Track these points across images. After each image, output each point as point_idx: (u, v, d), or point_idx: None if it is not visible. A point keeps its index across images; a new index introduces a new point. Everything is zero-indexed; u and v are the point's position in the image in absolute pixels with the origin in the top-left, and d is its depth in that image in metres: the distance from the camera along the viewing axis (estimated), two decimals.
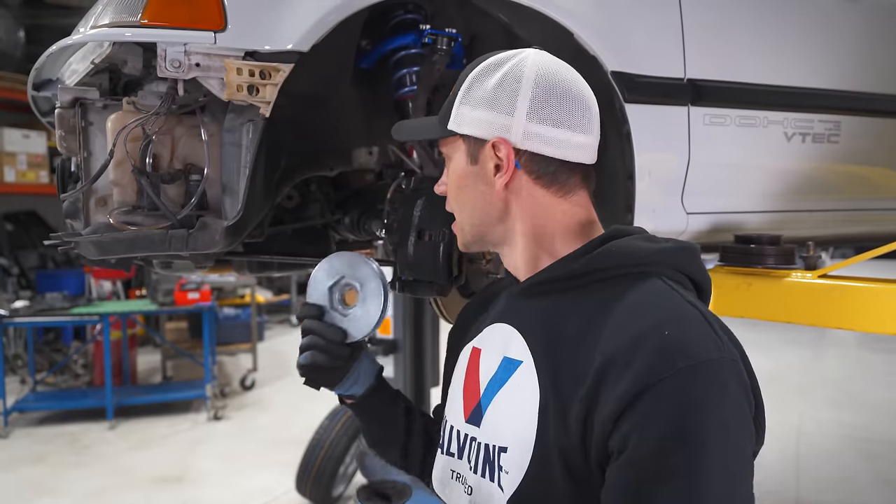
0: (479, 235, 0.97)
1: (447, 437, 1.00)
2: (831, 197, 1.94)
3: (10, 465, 4.26)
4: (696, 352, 0.75)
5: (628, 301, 0.82)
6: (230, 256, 1.65)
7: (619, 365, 0.76)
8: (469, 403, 0.96)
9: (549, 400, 0.83)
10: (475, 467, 0.92)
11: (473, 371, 0.98)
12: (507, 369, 0.91)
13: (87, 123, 1.33)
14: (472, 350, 1.00)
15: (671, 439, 0.72)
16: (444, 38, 1.51)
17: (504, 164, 0.90)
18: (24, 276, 7.10)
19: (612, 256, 0.86)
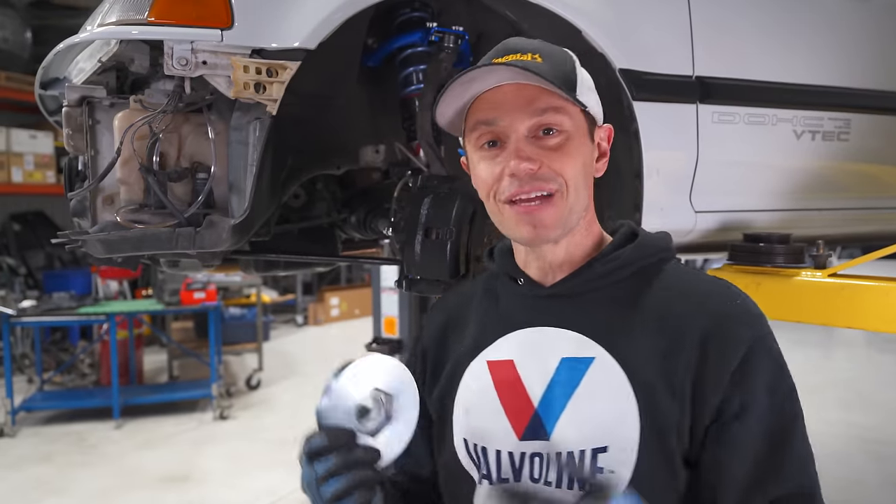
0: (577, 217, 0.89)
1: (492, 464, 0.89)
2: (841, 195, 1.92)
3: (17, 463, 4.27)
4: (763, 316, 0.88)
5: (683, 282, 0.90)
6: (237, 255, 1.65)
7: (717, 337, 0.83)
8: (519, 420, 0.88)
9: (647, 384, 0.83)
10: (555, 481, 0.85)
11: (509, 384, 0.89)
12: (574, 370, 0.86)
13: (95, 122, 1.33)
14: (494, 363, 0.91)
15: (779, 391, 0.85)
16: (450, 36, 1.50)
17: (605, 152, 0.93)
18: (32, 275, 7.13)
19: (648, 248, 0.92)
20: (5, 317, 4.90)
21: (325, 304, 9.50)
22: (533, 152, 0.84)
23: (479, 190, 0.91)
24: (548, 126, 0.85)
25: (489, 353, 0.93)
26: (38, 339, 5.72)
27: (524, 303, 0.93)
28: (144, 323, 6.04)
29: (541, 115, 0.84)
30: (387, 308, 3.52)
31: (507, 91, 0.85)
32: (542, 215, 0.85)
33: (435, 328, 1.03)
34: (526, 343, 0.91)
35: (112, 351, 5.03)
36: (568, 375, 0.86)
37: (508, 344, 0.92)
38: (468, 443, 0.91)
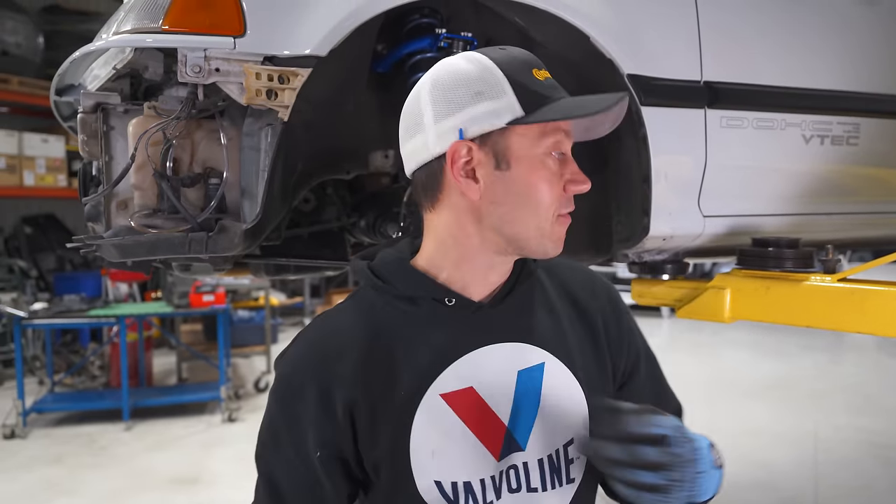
0: None
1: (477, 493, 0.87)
2: (850, 199, 1.92)
3: (28, 464, 4.30)
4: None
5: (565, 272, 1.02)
6: (248, 259, 1.67)
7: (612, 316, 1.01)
8: (493, 443, 0.88)
9: (588, 374, 0.95)
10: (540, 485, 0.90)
11: (475, 410, 0.87)
12: (532, 378, 0.90)
13: (109, 128, 1.35)
14: (451, 395, 0.87)
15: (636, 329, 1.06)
16: (459, 42, 1.51)
17: None
18: (43, 278, 7.18)
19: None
20: (17, 319, 4.94)
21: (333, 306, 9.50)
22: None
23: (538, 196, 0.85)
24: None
25: (439, 387, 0.87)
26: (49, 341, 5.76)
27: (460, 325, 0.89)
28: (154, 325, 6.08)
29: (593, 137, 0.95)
30: None
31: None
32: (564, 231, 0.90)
33: (350, 374, 0.87)
34: (477, 366, 0.88)
35: (122, 353, 5.06)
36: (528, 385, 0.90)
37: (459, 371, 0.87)
38: (442, 485, 0.86)
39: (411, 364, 0.87)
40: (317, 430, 0.86)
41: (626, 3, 1.57)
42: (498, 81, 0.84)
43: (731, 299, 1.70)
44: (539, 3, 1.43)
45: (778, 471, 4.08)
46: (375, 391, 0.86)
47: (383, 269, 0.92)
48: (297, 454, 0.88)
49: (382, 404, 0.86)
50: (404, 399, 0.86)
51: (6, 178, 6.54)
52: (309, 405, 0.86)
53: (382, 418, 0.86)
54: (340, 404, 0.86)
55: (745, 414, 5.16)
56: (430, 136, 0.86)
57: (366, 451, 0.87)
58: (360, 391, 0.86)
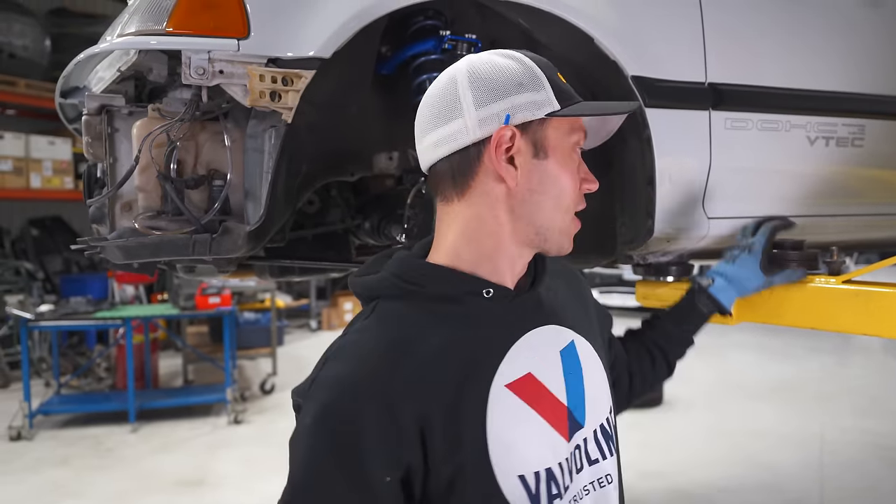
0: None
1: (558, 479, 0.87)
2: (855, 201, 1.91)
3: (35, 466, 4.32)
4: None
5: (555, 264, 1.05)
6: (252, 261, 1.67)
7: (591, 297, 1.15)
8: (561, 425, 0.89)
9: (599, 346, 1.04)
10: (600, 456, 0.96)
11: (540, 396, 0.89)
12: (570, 356, 0.96)
13: (113, 130, 1.36)
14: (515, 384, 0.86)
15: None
16: (463, 44, 1.52)
17: None
18: (49, 280, 7.22)
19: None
20: (23, 321, 4.97)
21: (339, 308, 9.54)
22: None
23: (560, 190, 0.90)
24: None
25: (502, 378, 0.85)
26: (56, 343, 5.79)
27: (501, 314, 0.89)
28: (160, 327, 6.10)
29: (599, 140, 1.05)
30: None
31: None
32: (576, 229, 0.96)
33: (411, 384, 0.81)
34: (526, 351, 0.89)
35: (128, 355, 5.08)
36: (570, 363, 0.94)
37: (514, 360, 0.87)
38: (525, 479, 0.83)
39: (465, 362, 0.84)
40: (384, 453, 0.78)
41: (631, 5, 1.56)
42: (536, 76, 0.89)
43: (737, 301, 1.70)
44: (543, 4, 1.43)
45: (784, 472, 4.06)
46: (441, 399, 0.81)
47: (406, 273, 0.89)
48: (355, 488, 0.78)
49: (452, 411, 0.81)
50: (472, 399, 0.83)
51: (13, 180, 6.58)
52: (370, 428, 0.78)
53: (455, 424, 0.81)
54: (409, 418, 0.79)
55: (751, 416, 5.14)
56: (471, 120, 0.87)
57: (440, 465, 0.80)
58: (426, 401, 0.80)
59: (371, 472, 0.78)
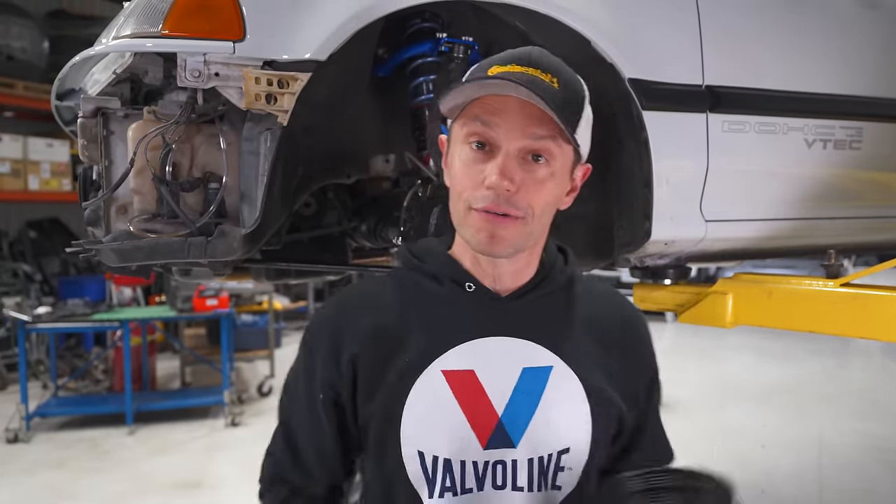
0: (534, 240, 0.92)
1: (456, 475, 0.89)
2: (853, 204, 1.91)
3: (32, 469, 4.31)
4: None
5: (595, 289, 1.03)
6: (248, 263, 1.66)
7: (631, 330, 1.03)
8: (482, 430, 0.89)
9: (597, 387, 0.94)
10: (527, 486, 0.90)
11: (472, 393, 0.89)
12: (537, 379, 0.91)
13: (109, 132, 1.35)
14: (452, 373, 0.90)
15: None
16: (460, 47, 1.51)
17: (577, 188, 0.94)
18: (47, 282, 7.20)
19: (572, 260, 1.01)
20: (21, 323, 4.95)
21: None
22: (516, 174, 0.84)
23: (451, 182, 0.90)
24: (538, 153, 0.85)
25: (443, 363, 0.90)
26: (53, 345, 5.77)
27: (475, 311, 0.92)
28: (157, 329, 6.09)
29: (537, 140, 0.85)
30: None
31: (514, 103, 0.84)
32: (502, 231, 0.86)
33: (362, 332, 0.94)
34: (484, 353, 0.91)
35: (125, 357, 5.07)
36: (531, 384, 0.91)
37: (464, 353, 0.90)
38: (423, 456, 0.89)
39: (423, 335, 0.92)
40: (324, 374, 0.95)
41: (628, 7, 1.56)
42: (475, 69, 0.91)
43: (733, 304, 1.70)
44: (540, 7, 1.43)
45: (783, 475, 4.06)
46: (382, 351, 0.92)
47: (419, 250, 0.99)
48: (308, 398, 0.97)
49: (386, 366, 0.91)
50: (408, 365, 0.90)
51: (11, 182, 6.57)
52: (321, 352, 0.95)
53: (383, 378, 0.91)
54: (347, 354, 0.93)
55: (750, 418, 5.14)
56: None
57: (361, 405, 0.93)
58: (368, 347, 0.93)
59: (315, 385, 0.96)
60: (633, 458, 1.00)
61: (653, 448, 1.03)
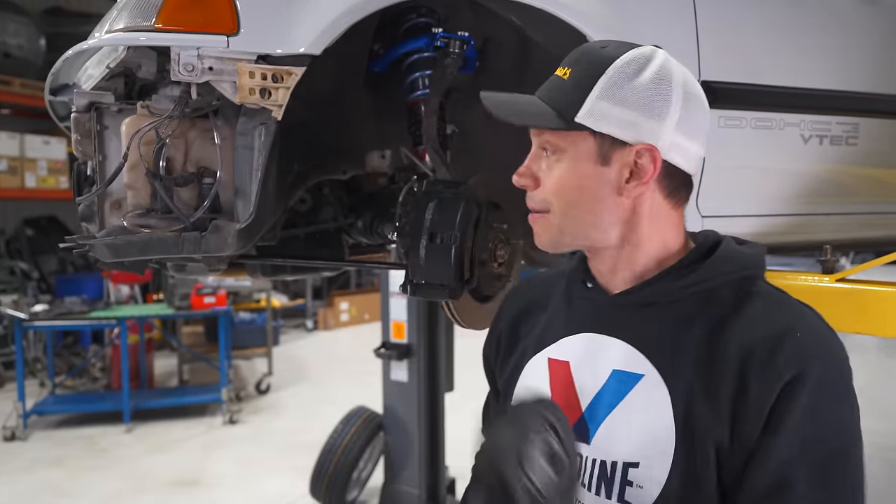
0: (581, 237, 0.90)
1: None
2: (849, 200, 1.91)
3: (29, 467, 4.31)
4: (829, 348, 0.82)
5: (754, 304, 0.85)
6: (243, 259, 1.66)
7: (761, 356, 0.79)
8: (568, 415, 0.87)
9: (689, 404, 0.82)
10: (587, 485, 0.89)
11: (563, 385, 0.92)
12: (623, 383, 0.87)
13: (103, 127, 1.34)
14: (553, 362, 0.95)
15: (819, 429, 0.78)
16: (456, 42, 1.51)
17: (644, 173, 0.85)
18: (44, 280, 7.19)
19: (723, 264, 0.88)
20: (18, 321, 4.95)
21: (335, 308, 9.52)
22: (535, 168, 0.90)
23: None
24: (543, 145, 0.89)
25: (552, 351, 0.96)
26: (51, 343, 5.77)
27: (589, 307, 0.95)
28: (155, 327, 6.09)
29: (540, 135, 0.89)
30: (395, 313, 3.52)
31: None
32: (536, 228, 0.92)
33: (510, 314, 1.07)
34: (584, 347, 0.93)
35: (123, 355, 5.07)
36: (616, 387, 0.88)
37: (569, 345, 0.95)
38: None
39: (546, 325, 1.00)
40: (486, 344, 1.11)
41: (624, 2, 1.56)
42: None
43: None
44: (536, 2, 1.42)
45: None
46: (517, 333, 1.04)
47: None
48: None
49: (515, 346, 1.03)
50: (526, 349, 1.00)
51: (8, 179, 6.55)
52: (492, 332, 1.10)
53: (511, 356, 1.03)
54: (496, 335, 1.08)
55: None
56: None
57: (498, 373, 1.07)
58: (507, 329, 1.06)
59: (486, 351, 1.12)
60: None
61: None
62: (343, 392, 5.62)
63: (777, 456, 0.77)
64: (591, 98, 0.85)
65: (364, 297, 9.92)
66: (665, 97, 0.85)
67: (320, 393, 6.08)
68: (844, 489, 0.80)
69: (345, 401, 4.03)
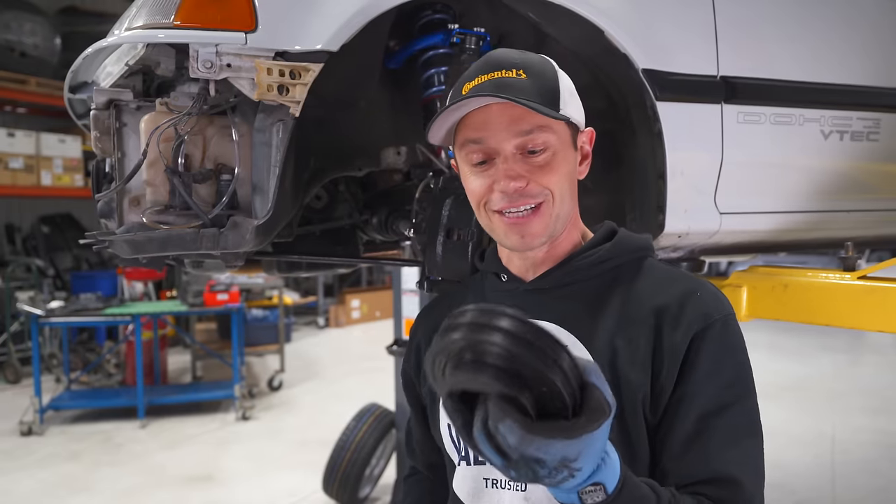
0: (564, 221, 0.96)
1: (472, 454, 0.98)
2: (870, 196, 1.89)
3: (45, 461, 4.35)
4: (726, 307, 0.94)
5: (654, 275, 0.97)
6: (259, 256, 1.66)
7: (671, 314, 0.91)
8: None
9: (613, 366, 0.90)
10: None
11: None
12: None
13: (121, 124, 1.35)
14: None
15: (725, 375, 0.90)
16: (472, 38, 1.50)
17: (588, 153, 0.99)
18: (60, 277, 7.26)
19: (625, 246, 0.99)
20: (34, 317, 4.99)
21: (347, 306, 9.55)
22: (522, 169, 0.91)
23: (470, 199, 0.97)
24: (533, 147, 0.91)
25: None
26: (66, 339, 5.82)
27: (506, 297, 1.00)
28: (168, 324, 6.12)
29: (526, 135, 0.91)
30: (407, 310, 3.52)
31: (494, 111, 0.90)
32: (530, 226, 0.93)
33: (427, 328, 1.11)
34: None
35: (137, 351, 5.10)
36: None
37: None
38: (451, 428, 1.00)
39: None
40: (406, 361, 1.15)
41: None
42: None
43: (747, 297, 1.68)
44: None
45: (795, 472, 4.03)
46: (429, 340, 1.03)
47: (487, 251, 1.10)
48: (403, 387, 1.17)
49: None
50: None
51: (24, 177, 6.62)
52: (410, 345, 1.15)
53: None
54: (415, 346, 1.12)
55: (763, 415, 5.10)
56: None
57: (420, 386, 1.10)
58: (426, 340, 1.07)
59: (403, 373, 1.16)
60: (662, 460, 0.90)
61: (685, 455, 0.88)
62: (355, 389, 5.64)
63: (693, 405, 0.88)
64: (562, 92, 0.93)
65: (375, 295, 9.94)
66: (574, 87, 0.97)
67: (332, 390, 6.10)
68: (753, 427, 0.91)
69: (356, 398, 4.04)
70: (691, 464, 0.88)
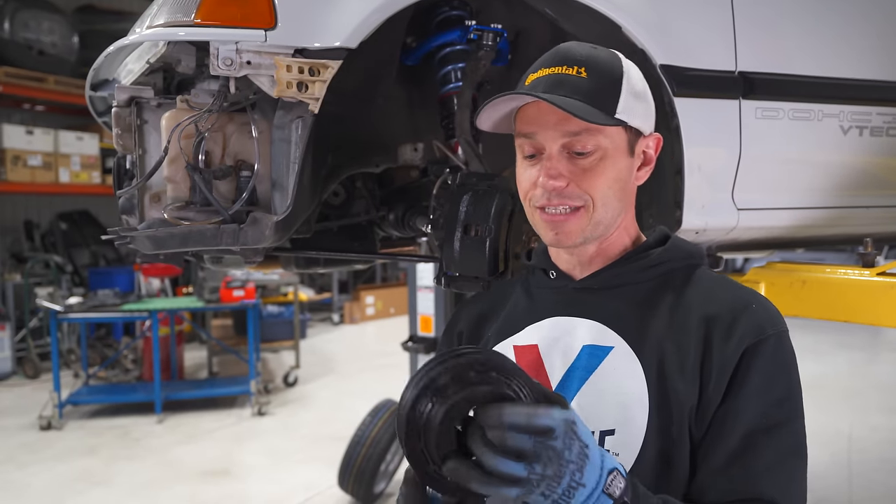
0: (606, 226, 0.94)
1: None
2: (890, 192, 1.87)
3: (64, 455, 4.41)
4: (780, 322, 0.91)
5: (705, 283, 0.95)
6: (278, 252, 1.68)
7: (723, 325, 0.88)
8: None
9: (660, 372, 0.89)
10: None
11: (531, 367, 0.96)
12: (593, 356, 0.93)
13: (143, 121, 1.36)
14: (519, 348, 0.99)
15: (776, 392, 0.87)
16: (489, 34, 1.50)
17: (651, 159, 0.97)
18: (78, 273, 7.34)
19: (676, 251, 0.98)
20: (53, 313, 5.06)
21: (361, 302, 9.59)
22: (564, 169, 0.90)
23: (518, 189, 0.97)
24: (581, 149, 0.90)
25: (516, 339, 1.00)
26: (84, 334, 5.89)
27: (554, 294, 1.01)
28: (185, 320, 6.19)
29: (573, 136, 0.90)
30: (422, 307, 3.53)
31: (545, 107, 0.89)
32: (565, 226, 0.93)
33: (472, 315, 1.11)
34: (551, 330, 0.98)
35: (154, 347, 5.15)
36: (587, 361, 0.93)
37: (535, 331, 0.99)
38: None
39: (506, 318, 1.05)
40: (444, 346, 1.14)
41: None
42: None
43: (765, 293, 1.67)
44: None
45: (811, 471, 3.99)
46: (479, 332, 1.08)
47: (536, 248, 1.10)
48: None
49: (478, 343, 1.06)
50: (489, 341, 1.04)
51: (43, 175, 6.70)
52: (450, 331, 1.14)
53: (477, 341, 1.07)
54: (457, 333, 1.11)
55: None
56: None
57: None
58: (469, 328, 1.09)
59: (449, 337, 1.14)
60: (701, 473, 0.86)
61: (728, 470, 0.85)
62: (369, 385, 5.66)
63: (740, 420, 0.85)
64: (623, 95, 0.91)
65: (390, 291, 9.97)
66: (648, 90, 0.97)
67: (347, 386, 6.13)
68: (799, 450, 0.88)
69: (371, 394, 4.06)
70: (734, 480, 0.84)
